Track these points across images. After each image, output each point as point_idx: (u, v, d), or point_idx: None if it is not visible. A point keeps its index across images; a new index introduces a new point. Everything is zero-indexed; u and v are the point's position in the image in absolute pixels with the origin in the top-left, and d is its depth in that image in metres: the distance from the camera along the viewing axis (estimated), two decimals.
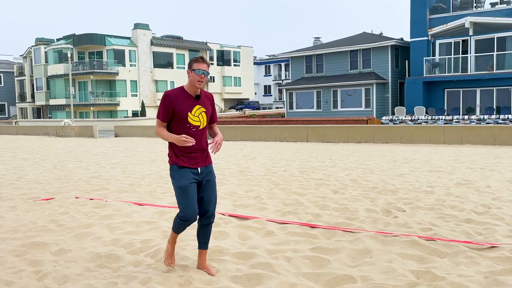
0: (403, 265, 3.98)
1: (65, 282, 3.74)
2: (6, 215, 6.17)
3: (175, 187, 3.74)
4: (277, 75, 64.71)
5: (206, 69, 3.72)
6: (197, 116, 3.76)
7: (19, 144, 22.18)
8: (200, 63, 3.70)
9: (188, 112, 3.72)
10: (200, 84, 3.74)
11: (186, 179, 3.69)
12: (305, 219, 5.67)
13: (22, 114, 54.88)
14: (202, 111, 3.80)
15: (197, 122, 3.76)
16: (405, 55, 30.97)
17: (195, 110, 3.75)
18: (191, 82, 3.75)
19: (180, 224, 3.78)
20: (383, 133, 18.90)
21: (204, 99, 3.85)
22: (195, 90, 3.78)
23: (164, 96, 3.75)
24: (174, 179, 3.75)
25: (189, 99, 3.76)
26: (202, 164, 3.80)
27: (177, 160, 3.75)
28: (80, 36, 45.66)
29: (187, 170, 3.72)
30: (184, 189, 3.68)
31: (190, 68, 3.72)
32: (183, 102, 3.73)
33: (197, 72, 3.69)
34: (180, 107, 3.70)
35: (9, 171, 11.07)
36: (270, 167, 10.93)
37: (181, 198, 3.70)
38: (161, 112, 3.73)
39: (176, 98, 3.72)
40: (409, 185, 7.91)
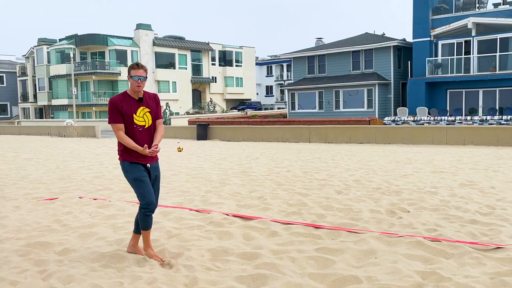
0: (409, 266, 3.97)
1: (70, 282, 3.74)
2: (10, 214, 6.18)
3: (132, 179, 4.14)
4: (279, 75, 64.70)
5: (143, 74, 4.11)
6: (141, 117, 4.16)
7: (22, 144, 22.21)
8: (136, 70, 4.09)
9: (133, 114, 4.12)
10: (139, 88, 4.12)
11: (138, 170, 4.14)
12: (309, 220, 5.66)
13: (24, 114, 54.96)
14: (146, 111, 4.20)
15: (142, 122, 4.17)
16: (408, 55, 30.92)
17: (139, 111, 4.16)
18: (131, 87, 4.15)
19: (145, 215, 4.17)
20: (385, 134, 18.87)
21: (148, 100, 4.24)
22: (137, 94, 4.17)
23: (110, 103, 4.12)
24: (128, 173, 4.16)
25: (133, 102, 4.16)
26: (150, 160, 4.24)
27: (129, 157, 4.15)
28: (82, 36, 45.72)
29: (138, 164, 4.16)
30: (140, 180, 4.12)
31: (128, 75, 4.11)
32: (127, 105, 4.12)
33: (134, 78, 4.08)
34: (125, 109, 4.10)
35: (12, 171, 11.09)
36: (273, 167, 10.92)
37: (140, 188, 4.12)
38: (113, 116, 4.09)
39: (120, 103, 4.11)
40: (412, 185, 7.90)
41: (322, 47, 36.73)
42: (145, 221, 4.21)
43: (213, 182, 8.72)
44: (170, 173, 10.17)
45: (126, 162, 4.17)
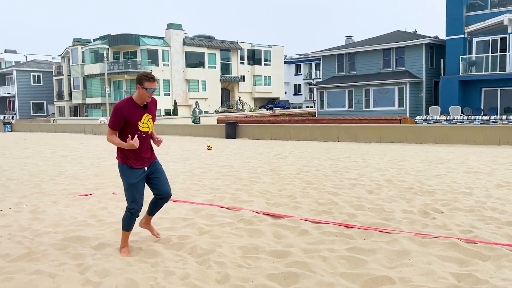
0: (443, 268, 3.90)
1: (106, 275, 3.84)
2: (48, 209, 6.39)
3: (126, 183, 4.33)
4: (308, 74, 64.34)
5: (155, 87, 4.23)
6: (145, 123, 4.34)
7: (58, 141, 22.89)
8: (152, 83, 4.18)
9: (138, 121, 4.27)
10: (149, 100, 4.27)
11: (135, 177, 4.31)
12: (340, 219, 5.62)
13: (60, 112, 56.59)
14: (150, 117, 4.38)
15: (146, 128, 4.35)
16: (440, 53, 30.22)
17: (144, 118, 4.31)
18: (141, 96, 4.23)
19: (129, 218, 4.37)
20: (417, 133, 18.51)
21: (151, 106, 4.39)
22: (143, 101, 4.28)
23: (115, 108, 4.19)
24: (125, 176, 4.33)
25: (139, 109, 4.27)
26: (147, 163, 4.43)
27: (128, 162, 4.31)
28: (115, 36, 46.68)
29: (136, 169, 4.33)
30: (134, 186, 4.31)
31: (141, 86, 4.16)
32: (133, 112, 4.24)
33: (149, 91, 4.18)
34: (131, 117, 4.22)
35: (49, 167, 11.45)
36: (302, 166, 10.89)
37: (131, 193, 4.32)
38: (114, 122, 4.20)
39: (127, 110, 4.20)
40: (446, 186, 7.73)
41: (352, 45, 36.32)
42: (129, 223, 4.40)
43: (243, 180, 8.77)
44: (200, 170, 10.29)
45: (125, 166, 4.32)
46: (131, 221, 4.40)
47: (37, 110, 59.68)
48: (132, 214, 4.35)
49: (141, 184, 4.36)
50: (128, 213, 4.36)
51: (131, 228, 4.47)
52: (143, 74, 4.19)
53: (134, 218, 4.39)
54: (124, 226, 4.44)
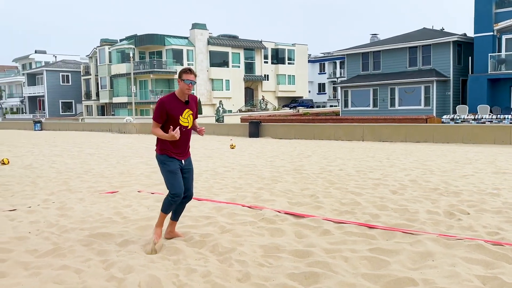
0: (468, 270, 3.82)
1: (129, 272, 3.91)
2: (75, 206, 6.55)
3: (166, 171, 4.54)
4: (332, 72, 63.84)
5: (193, 79, 4.48)
6: (186, 118, 4.57)
7: (85, 140, 23.39)
8: (189, 74, 4.45)
9: (179, 116, 4.51)
10: (188, 91, 4.50)
11: (174, 165, 4.55)
12: (362, 219, 5.57)
13: (87, 112, 57.82)
14: (190, 113, 4.61)
15: (186, 123, 4.58)
16: (468, 51, 29.52)
17: (184, 113, 4.55)
18: (181, 90, 4.50)
19: (170, 202, 4.54)
20: (443, 133, 18.15)
21: (191, 103, 4.64)
22: (184, 96, 4.54)
23: (159, 102, 4.47)
24: (164, 165, 4.55)
25: (180, 104, 4.53)
26: (185, 157, 4.68)
27: (168, 153, 4.55)
28: (141, 36, 47.34)
29: (175, 159, 4.57)
30: (174, 173, 4.52)
31: (180, 78, 4.47)
32: (175, 107, 4.49)
33: (186, 82, 4.44)
34: (173, 111, 4.47)
35: (76, 165, 11.72)
36: (325, 165, 10.83)
37: (172, 179, 4.52)
38: (157, 116, 4.48)
39: (169, 104, 4.47)
40: (473, 186, 7.56)
41: (377, 43, 35.86)
42: (169, 207, 4.60)
43: (265, 179, 8.79)
44: (223, 169, 10.35)
45: (164, 155, 4.56)
46: (170, 206, 4.59)
47: (65, 109, 61.13)
48: (173, 200, 4.53)
49: (179, 172, 4.57)
50: (170, 198, 4.54)
51: (169, 212, 4.66)
52: (182, 68, 4.54)
53: (174, 204, 4.57)
54: (163, 208, 4.63)
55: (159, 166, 4.62)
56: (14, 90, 69.19)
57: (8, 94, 69.99)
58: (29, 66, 66.29)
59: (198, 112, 4.84)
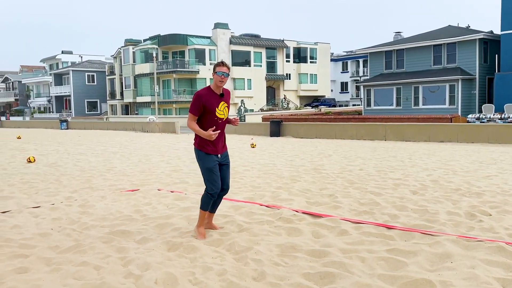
0: (488, 272, 3.75)
1: (147, 269, 3.98)
2: (97, 204, 6.69)
3: (204, 168, 4.72)
4: (355, 71, 63.22)
5: (226, 71, 4.65)
6: (222, 110, 4.73)
7: (109, 138, 23.80)
8: (221, 67, 4.63)
9: (215, 108, 4.67)
10: (222, 83, 4.65)
11: (212, 162, 4.71)
12: (381, 220, 5.52)
13: (112, 111, 58.82)
14: (225, 106, 4.77)
15: (222, 115, 4.74)
16: (495, 49, 28.83)
17: (220, 106, 4.71)
18: (215, 82, 4.66)
19: (208, 198, 4.74)
20: (468, 132, 17.78)
21: (226, 96, 4.80)
22: (219, 89, 4.70)
23: (196, 95, 4.64)
24: (202, 161, 4.73)
25: (216, 97, 4.69)
26: (221, 151, 4.82)
27: (204, 148, 4.71)
28: (164, 36, 47.88)
29: (212, 155, 4.72)
30: (211, 169, 4.70)
31: (213, 71, 4.65)
32: (211, 100, 4.65)
33: (218, 73, 4.61)
34: (210, 104, 4.63)
35: (100, 163, 11.95)
36: (345, 165, 10.75)
37: (209, 176, 4.71)
38: (194, 108, 4.63)
39: (206, 97, 4.62)
40: (496, 187, 7.40)
41: (401, 41, 35.36)
42: (207, 203, 4.78)
43: (284, 178, 8.78)
44: (242, 168, 10.39)
45: (202, 152, 4.72)
46: (209, 202, 4.78)
47: (91, 108, 62.34)
48: (211, 195, 4.72)
49: (216, 168, 4.74)
50: (208, 194, 4.73)
51: (208, 209, 4.83)
52: (216, 62, 4.77)
53: (212, 199, 4.76)
54: (201, 206, 4.81)
55: (196, 160, 4.80)
56: (41, 90, 70.94)
57: (35, 93, 71.80)
58: (56, 66, 67.85)
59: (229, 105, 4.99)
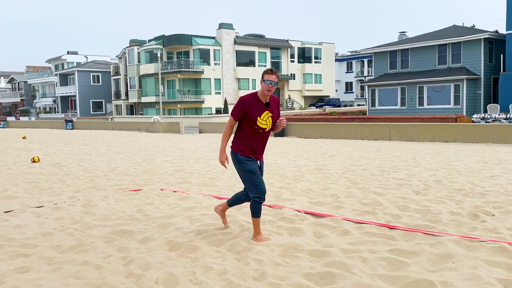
0: (489, 273, 3.73)
1: (148, 269, 3.99)
2: (99, 203, 6.71)
3: (245, 170, 4.55)
4: (359, 71, 63.06)
5: (275, 80, 4.45)
6: (264, 120, 4.54)
7: (114, 138, 23.88)
8: (270, 75, 4.45)
9: (257, 117, 4.50)
10: (269, 92, 4.47)
11: (253, 164, 4.57)
12: (383, 220, 5.50)
13: (117, 111, 59.03)
14: (269, 116, 4.56)
15: (264, 125, 4.56)
16: (500, 48, 28.69)
17: (263, 115, 4.52)
18: (262, 90, 4.50)
19: (258, 203, 4.57)
20: (473, 132, 17.69)
21: (272, 105, 4.60)
22: (266, 98, 4.52)
23: (241, 100, 4.53)
24: (243, 164, 4.55)
25: (260, 105, 4.52)
26: (261, 159, 4.70)
27: (245, 152, 4.57)
28: (169, 37, 47.98)
29: (253, 159, 4.59)
30: (253, 171, 4.54)
31: (262, 79, 4.49)
32: (255, 107, 4.49)
33: (266, 82, 4.44)
34: (252, 111, 4.47)
35: (104, 163, 11.99)
36: (348, 165, 10.73)
37: (252, 179, 4.54)
38: (236, 113, 4.52)
39: (250, 103, 4.49)
40: (500, 188, 7.35)
41: (406, 41, 35.24)
42: (257, 209, 4.61)
43: (287, 178, 8.78)
44: None
45: (242, 156, 4.57)
46: (259, 207, 4.61)
47: (96, 108, 62.59)
48: (259, 200, 4.56)
49: (258, 170, 4.59)
50: (255, 201, 4.57)
51: (260, 215, 4.67)
52: (265, 69, 4.57)
53: (261, 203, 4.60)
54: (253, 214, 4.65)
55: (234, 164, 4.64)
56: (47, 90, 71.31)
57: (41, 94, 72.19)
58: (62, 66, 68.18)
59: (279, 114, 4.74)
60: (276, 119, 4.64)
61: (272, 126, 4.64)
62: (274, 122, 4.63)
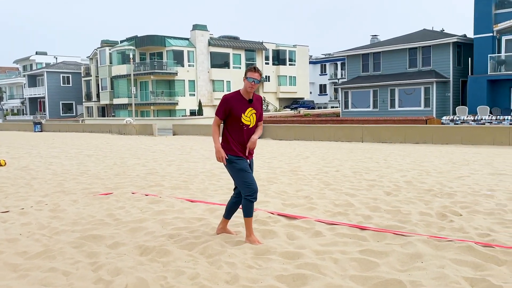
0: (457, 272, 3.81)
1: (118, 274, 3.91)
2: (68, 208, 6.55)
3: (236, 169, 4.54)
4: (333, 74, 63.83)
5: (257, 77, 4.50)
6: (248, 117, 4.57)
7: (85, 141, 23.41)
8: (253, 72, 4.50)
9: (242, 114, 4.53)
10: (252, 90, 4.51)
11: (243, 163, 4.57)
12: (355, 221, 5.56)
13: (88, 113, 57.92)
14: (253, 112, 4.60)
15: (248, 121, 4.58)
16: (468, 52, 29.51)
17: (247, 112, 4.56)
18: (245, 87, 4.54)
19: (249, 203, 4.57)
20: (443, 134, 18.12)
21: (255, 102, 4.65)
22: (249, 95, 4.57)
23: (223, 99, 4.55)
24: (234, 163, 4.54)
25: (244, 102, 4.56)
26: (250, 157, 4.70)
27: (234, 152, 4.56)
28: (142, 37, 47.41)
29: (242, 158, 4.59)
30: (245, 171, 4.55)
31: (245, 76, 4.53)
32: (238, 104, 4.53)
33: (249, 79, 4.48)
34: (236, 109, 4.51)
35: (73, 166, 11.73)
36: (322, 167, 10.82)
37: (244, 177, 4.54)
38: (221, 111, 4.54)
39: (233, 101, 4.53)
40: (467, 188, 7.55)
41: (377, 44, 35.86)
42: (249, 208, 4.61)
43: (260, 180, 8.78)
44: (219, 171, 10.35)
45: (232, 156, 4.56)
46: (251, 206, 4.60)
47: (66, 110, 61.25)
48: (250, 199, 4.55)
49: (249, 169, 4.59)
50: (247, 200, 4.56)
51: (252, 214, 4.66)
52: (249, 66, 4.62)
53: (253, 202, 4.59)
54: (245, 213, 4.64)
55: (225, 166, 4.62)
56: (14, 92, 69.38)
57: (9, 95, 70.19)
58: (30, 67, 66.47)
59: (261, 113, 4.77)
60: (259, 117, 4.67)
61: (256, 123, 4.64)
62: (257, 119, 4.65)
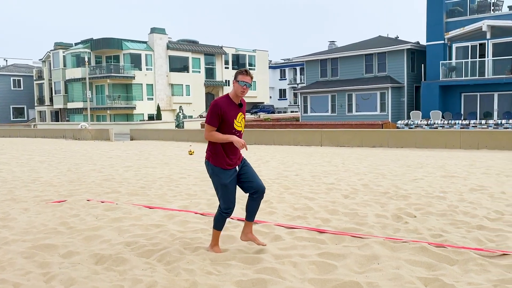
0: (411, 272, 3.92)
1: (71, 284, 3.77)
2: (19, 217, 6.26)
3: (219, 184, 4.32)
4: (292, 79, 64.64)
5: (249, 81, 4.22)
6: (240, 122, 4.33)
7: (37, 147, 22.53)
8: (244, 76, 4.21)
9: (234, 119, 4.25)
10: (243, 94, 4.24)
11: (228, 177, 4.31)
12: (313, 224, 5.62)
13: (40, 117, 55.81)
14: (242, 117, 4.37)
15: (239, 127, 4.34)
16: (421, 59, 30.65)
17: (238, 117, 4.31)
18: (235, 92, 4.25)
19: (222, 217, 4.44)
20: (398, 138, 18.69)
21: (244, 106, 4.40)
22: (238, 99, 4.29)
23: (213, 104, 4.20)
24: (218, 177, 4.31)
25: (234, 107, 4.27)
26: (238, 163, 4.43)
27: (221, 164, 4.29)
28: (97, 40, 46.29)
29: (229, 170, 4.32)
30: (227, 186, 4.31)
31: (235, 79, 4.23)
32: (229, 110, 4.23)
33: (241, 83, 4.19)
34: (227, 114, 4.20)
35: (24, 173, 11.25)
36: (281, 171, 10.89)
37: (224, 193, 4.34)
38: (214, 119, 4.18)
39: (224, 106, 4.20)
40: (421, 190, 7.80)
41: (335, 50, 36.63)
42: (221, 222, 4.49)
43: None
44: (179, 176, 10.21)
45: (217, 168, 4.30)
46: (222, 221, 4.48)
47: (17, 115, 58.77)
48: (225, 214, 4.42)
49: (233, 184, 4.35)
50: (221, 213, 4.43)
51: (221, 228, 4.53)
52: (239, 69, 4.33)
53: (225, 218, 4.47)
54: (215, 225, 4.51)
55: (209, 175, 4.40)
56: None
57: None
58: None
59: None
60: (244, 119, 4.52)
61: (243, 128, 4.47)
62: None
